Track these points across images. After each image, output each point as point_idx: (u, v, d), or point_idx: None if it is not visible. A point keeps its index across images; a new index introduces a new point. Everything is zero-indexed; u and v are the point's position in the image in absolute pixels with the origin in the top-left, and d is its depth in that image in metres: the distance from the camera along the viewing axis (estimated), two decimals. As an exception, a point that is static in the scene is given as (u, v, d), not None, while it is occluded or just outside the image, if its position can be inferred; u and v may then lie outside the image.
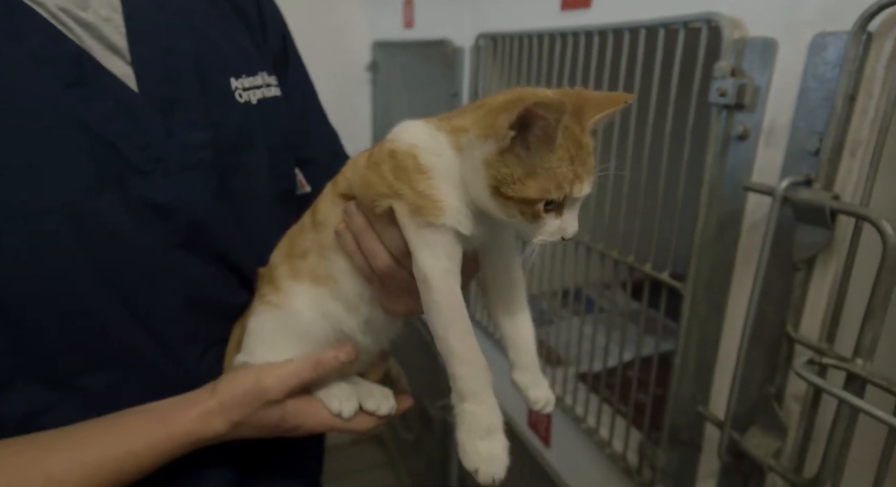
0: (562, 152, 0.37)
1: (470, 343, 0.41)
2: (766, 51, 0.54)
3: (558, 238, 0.39)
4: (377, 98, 1.72)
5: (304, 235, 0.50)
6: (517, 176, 0.37)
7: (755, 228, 0.58)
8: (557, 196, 0.37)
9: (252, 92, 0.53)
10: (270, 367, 0.48)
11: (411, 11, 1.37)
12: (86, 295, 0.43)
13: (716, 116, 0.59)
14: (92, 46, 0.43)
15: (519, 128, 0.36)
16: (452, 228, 0.41)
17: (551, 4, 0.84)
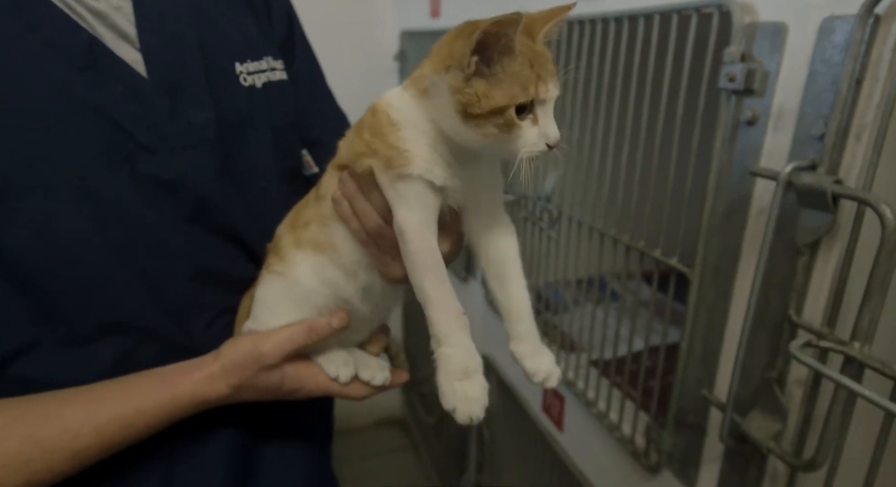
0: (521, 58, 0.39)
1: (444, 290, 0.43)
2: (775, 35, 0.54)
3: (543, 146, 0.40)
4: (404, 87, 1.74)
5: (308, 208, 0.53)
6: (482, 92, 0.39)
7: (762, 214, 0.58)
8: (525, 99, 0.39)
9: (257, 76, 0.56)
10: (268, 333, 0.51)
11: (438, 0, 1.38)
12: (98, 265, 0.46)
13: (725, 102, 0.59)
14: (103, 34, 0.47)
15: (477, 51, 0.38)
16: (422, 178, 0.43)
17: (570, -8, 0.85)
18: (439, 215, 0.46)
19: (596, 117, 0.81)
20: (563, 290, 1.09)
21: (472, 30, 0.38)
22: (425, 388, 1.78)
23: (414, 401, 1.92)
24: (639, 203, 0.75)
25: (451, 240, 0.48)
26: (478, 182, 0.46)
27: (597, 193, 0.84)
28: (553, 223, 0.95)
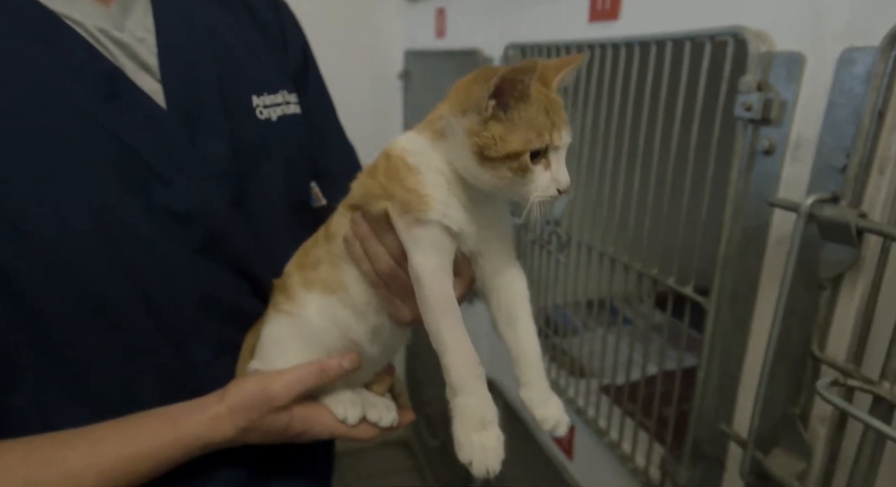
0: (537, 105, 0.41)
1: (459, 336, 0.43)
2: (792, 65, 0.54)
3: (553, 191, 0.41)
4: (409, 105, 1.74)
5: (318, 247, 0.52)
6: (499, 135, 0.40)
7: (781, 244, 0.57)
8: (540, 144, 0.40)
9: (272, 109, 0.56)
10: (277, 374, 0.50)
11: (444, 21, 1.38)
12: (105, 291, 0.45)
13: (741, 130, 0.58)
14: (125, 64, 0.46)
15: (495, 95, 0.40)
16: (439, 222, 0.43)
17: (579, 16, 0.84)
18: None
19: (606, 140, 0.81)
20: (572, 313, 1.08)
21: (490, 75, 0.39)
22: (430, 410, 1.75)
23: (419, 423, 1.89)
24: (651, 229, 0.73)
25: (463, 283, 0.47)
26: (490, 226, 0.46)
27: (607, 218, 0.83)
28: (562, 247, 0.94)
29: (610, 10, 0.78)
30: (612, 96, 0.78)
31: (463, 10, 1.26)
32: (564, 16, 0.88)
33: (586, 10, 0.83)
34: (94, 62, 0.44)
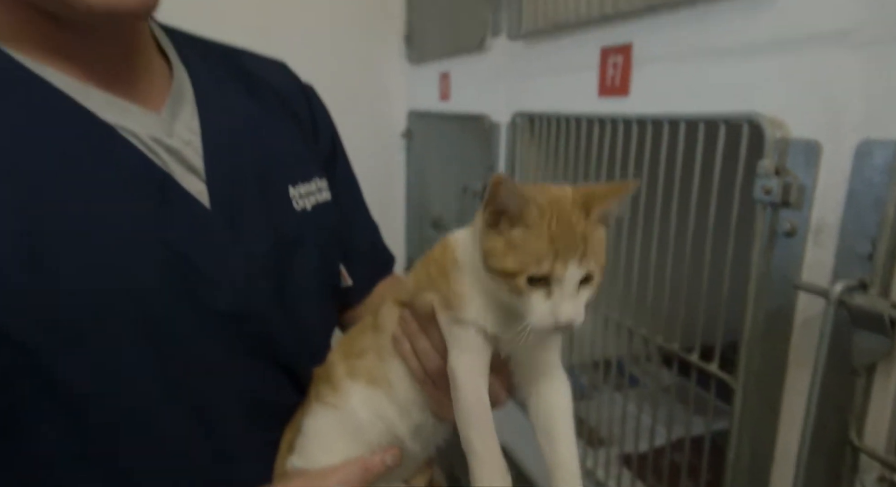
0: (539, 230, 0.39)
1: (488, 442, 0.42)
2: (809, 152, 0.55)
3: (550, 323, 0.39)
4: (411, 164, 1.77)
5: (364, 336, 0.52)
6: (500, 248, 0.39)
7: (808, 326, 0.57)
8: (537, 271, 0.38)
9: (307, 199, 0.56)
10: (321, 474, 0.48)
11: (448, 85, 1.42)
12: (153, 402, 0.45)
13: (761, 212, 0.59)
14: (174, 169, 0.47)
15: (497, 205, 0.39)
16: (475, 323, 0.43)
17: (589, 89, 0.87)
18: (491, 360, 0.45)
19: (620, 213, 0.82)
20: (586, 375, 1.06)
21: (494, 182, 0.39)
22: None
23: None
24: (671, 304, 0.73)
25: (500, 385, 0.46)
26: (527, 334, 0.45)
27: (624, 289, 0.83)
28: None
29: (620, 87, 0.81)
30: (626, 171, 0.79)
31: (468, 75, 1.30)
32: (573, 88, 0.91)
33: (595, 85, 0.85)
34: (147, 171, 0.45)
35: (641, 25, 0.75)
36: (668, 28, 0.71)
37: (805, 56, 0.55)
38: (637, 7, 0.74)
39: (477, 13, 1.19)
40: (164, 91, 0.50)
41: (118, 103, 0.45)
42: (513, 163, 1.10)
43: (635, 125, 0.77)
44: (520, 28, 1.02)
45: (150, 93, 0.48)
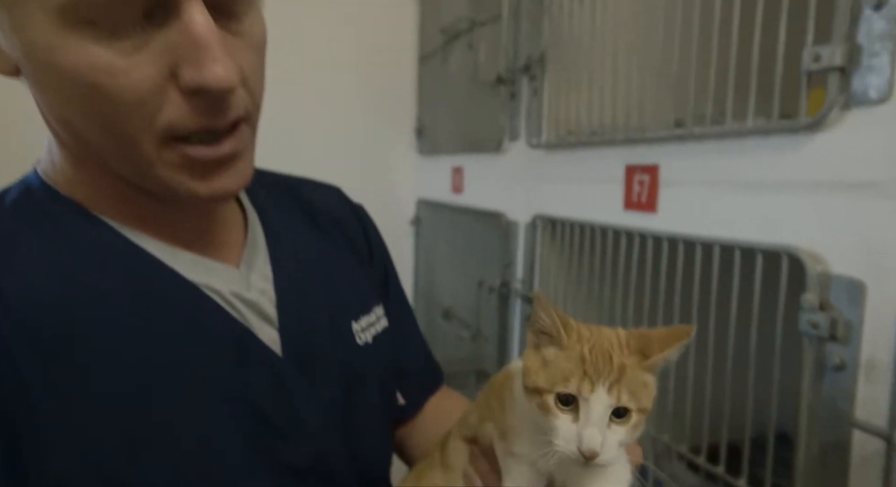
0: (572, 351, 0.40)
1: None
2: (853, 291, 0.57)
3: (573, 449, 0.38)
4: (420, 251, 1.79)
5: (433, 472, 0.51)
6: (535, 366, 0.41)
7: (867, 464, 0.56)
8: (563, 389, 0.39)
9: (368, 331, 0.56)
10: None
11: (461, 179, 1.46)
12: None
13: (808, 344, 0.60)
14: (251, 320, 0.47)
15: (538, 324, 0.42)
16: (526, 456, 0.42)
17: (614, 201, 0.89)
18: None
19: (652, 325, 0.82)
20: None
21: (536, 304, 0.42)
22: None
23: None
24: (712, 426, 0.73)
25: None
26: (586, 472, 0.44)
27: (659, 404, 0.82)
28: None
29: (647, 203, 0.84)
30: (656, 288, 0.80)
31: (484, 172, 1.33)
32: (597, 198, 0.93)
33: (621, 198, 0.88)
34: (228, 328, 0.45)
35: (668, 150, 0.79)
36: (697, 155, 0.75)
37: (840, 197, 0.58)
38: (662, 135, 0.79)
39: (493, 116, 1.24)
40: (241, 239, 0.51)
41: (203, 262, 0.46)
42: (532, 264, 1.12)
43: (666, 243, 0.79)
44: (539, 138, 1.06)
45: (228, 244, 0.49)
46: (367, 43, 1.69)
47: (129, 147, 0.37)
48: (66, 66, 0.34)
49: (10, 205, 0.43)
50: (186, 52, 0.35)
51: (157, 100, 0.36)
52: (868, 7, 0.54)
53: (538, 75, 1.06)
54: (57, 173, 0.44)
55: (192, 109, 0.36)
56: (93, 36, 0.34)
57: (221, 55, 0.35)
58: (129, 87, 0.35)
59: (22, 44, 0.35)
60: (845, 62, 0.55)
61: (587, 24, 0.93)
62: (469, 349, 1.41)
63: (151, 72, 0.35)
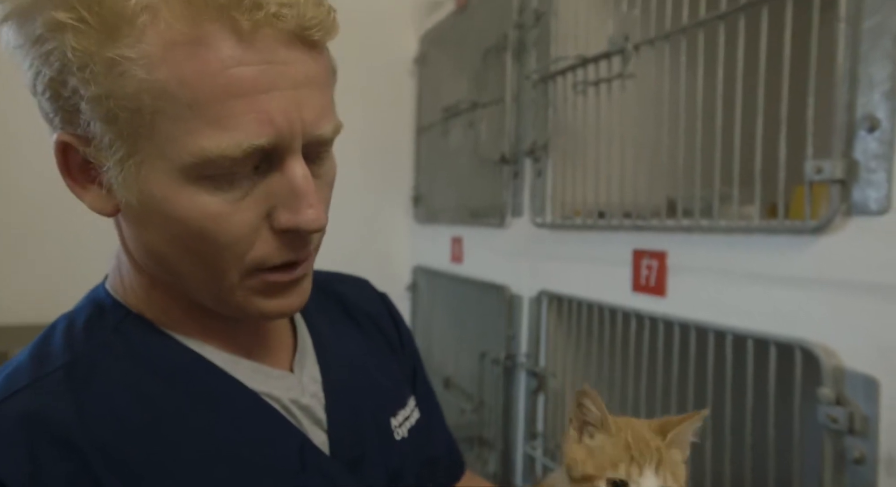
0: (617, 439, 0.46)
1: None
2: (868, 387, 0.60)
3: None
4: (417, 317, 1.79)
5: None
6: (581, 457, 0.45)
7: (893, 559, 0.58)
8: (614, 475, 0.44)
9: (404, 425, 0.57)
10: None
11: (461, 249, 1.49)
12: None
13: (827, 437, 0.63)
14: (305, 425, 0.48)
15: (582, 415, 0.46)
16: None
17: (622, 283, 0.93)
18: None
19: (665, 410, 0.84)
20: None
21: (577, 397, 0.47)
22: None
23: None
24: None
25: None
26: None
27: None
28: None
29: (656, 287, 0.87)
30: (668, 374, 0.83)
31: (486, 244, 1.37)
32: (605, 279, 0.97)
33: (629, 280, 0.92)
34: (290, 436, 0.46)
35: (675, 239, 0.84)
36: (705, 246, 0.79)
37: (849, 296, 0.63)
38: (669, 226, 0.83)
39: (494, 191, 1.29)
40: (290, 341, 0.52)
41: (262, 370, 0.47)
42: (537, 339, 1.14)
43: (677, 327, 0.82)
44: (544, 217, 1.11)
45: (280, 348, 0.51)
46: (368, 113, 1.75)
47: (216, 278, 0.40)
48: (177, 213, 0.37)
49: (83, 326, 0.44)
50: (286, 198, 0.38)
51: (252, 238, 0.39)
52: (862, 129, 0.60)
53: (542, 158, 1.12)
54: (127, 291, 0.46)
55: (280, 245, 0.40)
56: (207, 188, 0.37)
57: (315, 201, 0.39)
58: (230, 230, 0.38)
59: (139, 192, 0.38)
60: (845, 176, 0.61)
61: (591, 115, 1.00)
62: (470, 417, 1.41)
63: (251, 215, 0.38)
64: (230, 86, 0.35)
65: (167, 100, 0.35)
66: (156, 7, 0.34)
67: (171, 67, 0.34)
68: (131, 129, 0.36)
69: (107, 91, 0.35)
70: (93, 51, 0.34)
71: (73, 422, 0.39)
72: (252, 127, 0.36)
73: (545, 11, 1.11)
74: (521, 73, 1.19)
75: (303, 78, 0.38)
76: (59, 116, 0.38)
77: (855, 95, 0.60)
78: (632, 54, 0.89)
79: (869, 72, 0.59)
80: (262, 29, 0.35)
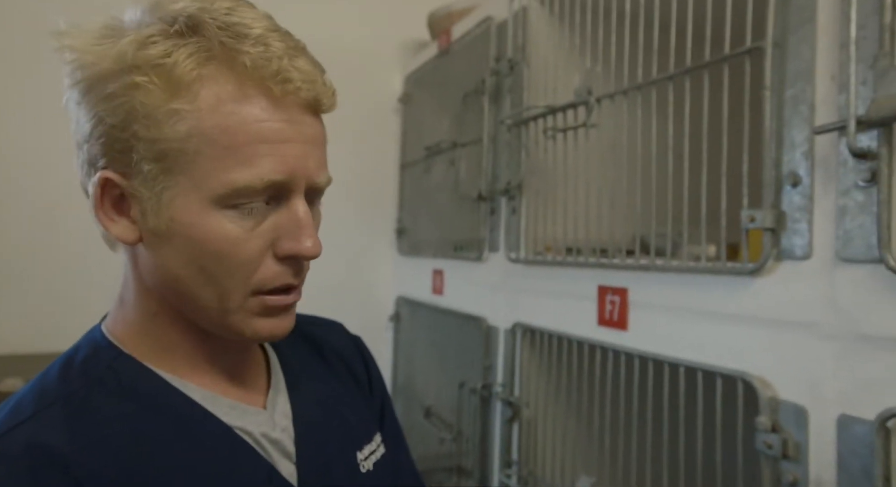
0: None
1: None
2: (798, 415, 0.66)
3: None
4: (399, 347, 1.84)
5: None
6: None
7: (824, 576, 0.63)
8: None
9: (370, 459, 0.62)
10: None
11: (441, 281, 1.55)
12: None
13: (765, 462, 0.69)
14: (275, 458, 0.52)
15: None
16: None
17: (589, 317, 0.99)
18: None
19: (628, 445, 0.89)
20: None
21: None
22: None
23: None
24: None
25: None
26: None
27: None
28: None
29: (618, 321, 0.94)
30: (630, 405, 0.88)
31: (464, 277, 1.43)
32: (574, 312, 1.03)
33: (595, 314, 0.98)
34: (258, 467, 0.50)
35: (635, 277, 0.90)
36: (661, 284, 0.86)
37: (783, 333, 0.69)
38: (630, 264, 0.90)
39: (473, 227, 1.36)
40: (264, 379, 0.57)
41: (238, 406, 0.52)
42: (512, 369, 1.19)
43: (637, 360, 0.88)
44: (518, 253, 1.17)
45: (256, 386, 0.56)
46: (355, 148, 1.82)
47: (223, 297, 0.47)
48: (201, 236, 0.45)
49: (79, 364, 0.49)
50: (289, 229, 0.47)
51: (258, 263, 0.47)
52: (788, 184, 0.67)
53: (516, 197, 1.19)
54: (123, 329, 0.51)
55: (280, 270, 0.48)
56: (230, 216, 0.45)
57: (313, 233, 0.48)
58: (242, 253, 0.46)
59: (170, 219, 0.45)
60: (775, 224, 0.68)
61: (560, 159, 1.07)
62: (450, 446, 1.44)
63: (261, 242, 0.46)
64: (259, 135, 0.45)
65: (209, 144, 0.44)
66: (211, 75, 0.44)
67: (217, 118, 0.44)
68: (175, 166, 0.44)
69: (162, 135, 0.44)
70: (157, 104, 0.43)
71: (70, 451, 0.44)
72: (272, 166, 0.45)
73: (518, 61, 1.20)
74: (497, 116, 1.27)
75: (311, 136, 0.47)
76: (106, 157, 0.46)
77: (781, 154, 0.68)
78: (594, 106, 0.97)
79: (791, 134, 0.67)
80: (288, 96, 0.46)
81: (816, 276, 0.65)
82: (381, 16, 1.86)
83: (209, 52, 0.44)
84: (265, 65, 0.44)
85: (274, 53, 0.44)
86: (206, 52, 0.44)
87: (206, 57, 0.44)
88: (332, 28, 1.76)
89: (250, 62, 0.44)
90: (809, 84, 0.65)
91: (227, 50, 0.44)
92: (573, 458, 1.06)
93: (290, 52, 0.46)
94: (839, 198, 0.62)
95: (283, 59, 0.45)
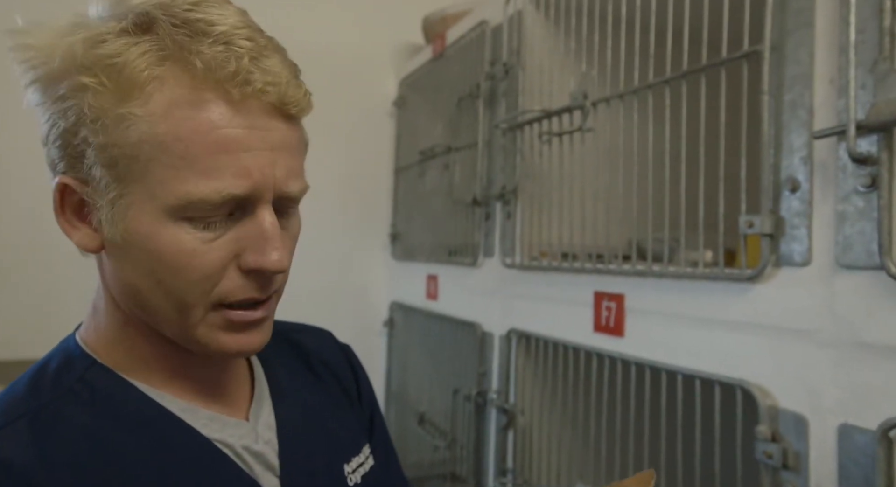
0: None
1: None
2: (798, 424, 0.65)
3: None
4: (393, 352, 1.82)
5: None
6: None
7: None
8: None
9: (358, 472, 0.60)
10: None
11: (436, 287, 1.54)
12: None
13: (764, 472, 0.67)
14: (256, 470, 0.51)
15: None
16: None
17: (584, 323, 0.98)
18: None
19: (625, 450, 0.88)
20: None
21: None
22: None
23: None
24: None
25: None
26: None
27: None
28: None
29: (615, 328, 0.92)
30: (626, 412, 0.87)
31: (459, 283, 1.42)
32: (569, 318, 1.02)
33: (591, 321, 0.97)
34: (238, 481, 0.49)
35: (632, 283, 0.89)
36: (658, 291, 0.85)
37: (782, 340, 0.68)
38: (626, 270, 0.89)
39: (467, 232, 1.35)
40: (248, 390, 0.56)
41: (218, 419, 0.51)
42: (507, 376, 1.18)
43: (633, 367, 0.87)
44: (513, 258, 1.16)
45: (238, 397, 0.54)
46: (349, 152, 1.81)
47: (183, 311, 0.44)
48: (157, 249, 0.42)
49: (52, 374, 0.47)
50: (254, 242, 0.44)
51: (219, 276, 0.44)
52: (786, 189, 0.66)
53: (511, 202, 1.18)
54: (97, 339, 0.49)
55: (245, 284, 0.45)
56: (185, 228, 0.42)
57: (280, 246, 0.44)
58: (201, 266, 0.43)
59: (125, 230, 0.43)
60: (773, 230, 0.67)
61: (556, 163, 1.06)
62: (444, 454, 1.43)
63: (222, 254, 0.43)
64: (218, 144, 0.41)
65: (163, 151, 0.41)
66: (164, 77, 0.41)
67: (171, 124, 0.41)
68: (127, 173, 0.42)
69: (113, 140, 0.41)
70: (107, 108, 0.41)
71: (35, 470, 0.42)
72: (232, 179, 0.41)
73: (513, 65, 1.19)
74: (492, 121, 1.26)
75: (279, 142, 0.44)
76: (64, 162, 0.44)
77: (779, 159, 0.67)
78: (590, 110, 0.96)
79: (790, 139, 0.66)
80: (248, 100, 0.42)
81: (816, 283, 0.64)
82: (375, 20, 1.85)
83: (164, 52, 0.41)
84: (222, 65, 0.40)
85: (234, 53, 0.41)
86: (161, 51, 0.41)
87: (160, 57, 0.41)
88: (326, 32, 1.75)
89: (203, 63, 0.40)
90: (808, 88, 0.65)
91: (180, 49, 0.41)
92: (569, 466, 1.04)
93: (258, 52, 0.42)
94: (839, 203, 0.62)
95: (243, 59, 0.41)
